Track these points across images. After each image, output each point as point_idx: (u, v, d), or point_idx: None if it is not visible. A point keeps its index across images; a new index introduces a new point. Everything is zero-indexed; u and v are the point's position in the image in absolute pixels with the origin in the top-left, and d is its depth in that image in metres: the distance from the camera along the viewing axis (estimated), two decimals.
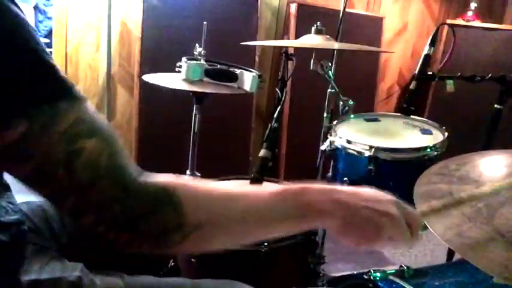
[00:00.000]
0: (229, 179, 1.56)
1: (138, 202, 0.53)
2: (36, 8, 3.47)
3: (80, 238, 0.83)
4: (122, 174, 0.53)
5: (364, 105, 2.85)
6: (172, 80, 1.57)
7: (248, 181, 1.25)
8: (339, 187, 0.68)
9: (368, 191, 0.68)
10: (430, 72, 1.42)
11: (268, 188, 0.64)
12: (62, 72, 0.53)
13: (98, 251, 0.77)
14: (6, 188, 0.69)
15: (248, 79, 1.55)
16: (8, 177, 0.64)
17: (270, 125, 1.35)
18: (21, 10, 0.51)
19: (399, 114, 1.56)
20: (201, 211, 0.58)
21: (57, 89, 0.51)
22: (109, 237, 0.53)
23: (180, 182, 0.58)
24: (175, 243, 0.56)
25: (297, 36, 1.98)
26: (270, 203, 0.63)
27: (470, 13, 3.15)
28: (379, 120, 1.56)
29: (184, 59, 1.58)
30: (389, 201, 0.67)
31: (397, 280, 1.10)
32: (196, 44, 1.64)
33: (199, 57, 1.61)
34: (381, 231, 0.65)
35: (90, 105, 0.55)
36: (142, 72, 2.24)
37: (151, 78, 1.59)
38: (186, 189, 0.58)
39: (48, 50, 0.53)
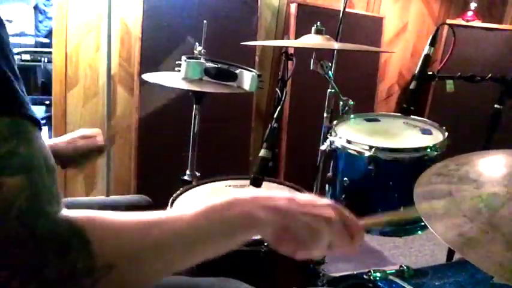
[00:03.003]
0: (229, 179, 1.57)
1: (45, 248, 0.48)
2: (36, 8, 3.48)
3: None
4: (34, 218, 0.48)
5: (364, 105, 2.86)
6: (172, 79, 1.57)
7: (248, 181, 1.25)
8: (272, 194, 0.64)
9: (303, 196, 0.65)
10: (430, 72, 1.41)
11: (192, 208, 0.59)
12: (18, 87, 0.50)
13: None
14: None
15: (248, 78, 1.55)
16: None
17: (270, 125, 1.35)
18: None
19: (399, 114, 1.56)
20: (111, 249, 0.52)
21: (3, 103, 0.48)
22: (13, 285, 0.47)
23: (91, 217, 0.53)
24: None
25: (297, 36, 1.98)
26: (192, 225, 0.58)
27: (470, 13, 3.15)
28: (379, 120, 1.56)
29: (184, 57, 1.58)
30: (327, 205, 0.65)
31: (397, 280, 1.10)
32: (196, 43, 1.64)
33: (199, 56, 1.61)
34: (319, 237, 0.63)
35: (37, 133, 0.51)
36: (142, 71, 2.24)
37: (151, 77, 1.59)
38: (95, 226, 0.52)
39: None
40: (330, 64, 1.59)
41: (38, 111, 3.07)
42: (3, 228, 0.47)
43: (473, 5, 3.15)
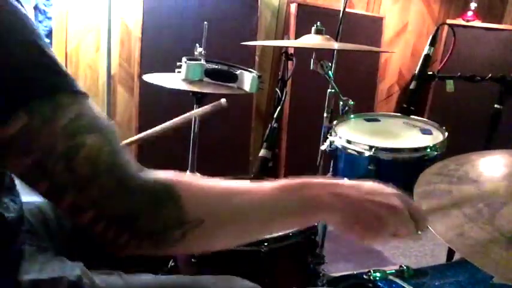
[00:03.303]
0: (229, 179, 1.57)
1: (138, 199, 0.52)
2: (36, 8, 3.47)
3: (79, 237, 0.83)
4: (122, 171, 0.52)
5: (364, 105, 2.86)
6: (172, 80, 1.57)
7: (248, 181, 1.25)
8: (340, 181, 0.67)
9: (370, 184, 0.68)
10: (430, 72, 1.42)
11: (270, 183, 0.63)
12: (63, 66, 0.53)
13: (97, 250, 0.76)
14: (12, 185, 0.68)
15: (248, 79, 1.55)
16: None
17: (270, 125, 1.35)
18: (21, 5, 0.51)
19: (399, 114, 1.56)
20: (202, 207, 0.57)
21: (58, 82, 0.51)
22: (108, 235, 0.52)
23: (180, 178, 0.57)
24: (175, 241, 0.55)
25: (297, 36, 1.98)
26: (272, 198, 0.61)
27: (470, 13, 3.15)
28: (379, 120, 1.56)
29: (184, 59, 1.58)
30: (392, 193, 0.67)
31: (397, 280, 1.10)
32: (197, 44, 1.64)
33: (200, 57, 1.61)
34: (384, 224, 0.64)
35: (92, 102, 0.54)
36: (142, 72, 2.24)
37: (152, 78, 1.59)
38: (186, 186, 0.57)
39: (48, 43, 0.53)
40: (330, 64, 1.59)
41: None
42: (95, 185, 0.50)
43: (473, 5, 3.15)
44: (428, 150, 1.29)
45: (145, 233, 0.53)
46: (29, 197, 0.76)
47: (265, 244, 1.16)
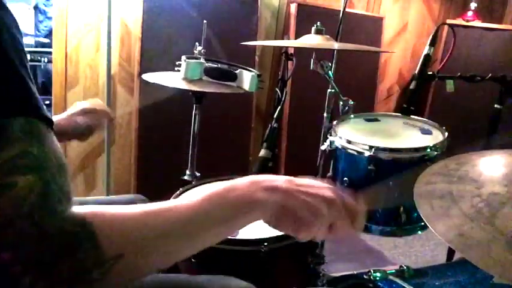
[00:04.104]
0: (229, 179, 1.57)
1: (57, 244, 0.50)
2: (36, 8, 3.48)
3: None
4: (46, 215, 0.50)
5: (364, 105, 2.85)
6: (171, 79, 1.57)
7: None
8: (272, 176, 0.65)
9: (303, 178, 0.66)
10: (430, 72, 1.41)
11: (193, 195, 0.61)
12: (32, 88, 0.51)
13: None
14: None
15: (247, 78, 1.55)
16: None
17: (270, 125, 1.35)
18: (7, 11, 0.50)
19: (399, 114, 1.56)
20: (120, 241, 0.54)
21: (19, 104, 0.49)
22: (25, 281, 0.49)
23: (95, 212, 0.55)
24: (95, 281, 0.52)
25: (297, 36, 1.98)
26: (194, 211, 0.59)
27: (470, 13, 3.15)
28: (379, 120, 1.56)
29: (183, 57, 1.58)
30: (327, 187, 0.65)
31: (397, 280, 1.10)
32: (196, 43, 1.64)
33: (199, 56, 1.61)
34: (319, 217, 0.62)
35: (50, 132, 0.52)
36: (142, 71, 2.24)
37: (151, 77, 1.59)
38: (102, 220, 0.54)
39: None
40: (330, 64, 1.59)
41: None
42: (15, 226, 0.48)
43: (473, 5, 3.15)
44: (428, 150, 1.29)
45: (63, 278, 0.51)
46: None
47: (265, 244, 1.16)
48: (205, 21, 1.67)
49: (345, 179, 1.35)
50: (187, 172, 1.75)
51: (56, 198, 0.51)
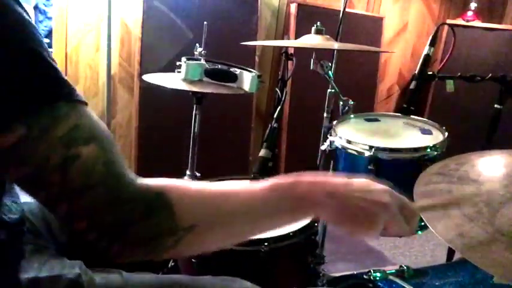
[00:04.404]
0: (229, 179, 1.57)
1: (130, 210, 0.53)
2: (36, 8, 3.47)
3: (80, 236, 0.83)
4: (116, 182, 0.53)
5: (364, 105, 2.85)
6: (172, 80, 1.57)
7: (248, 181, 1.25)
8: (331, 178, 0.68)
9: (360, 181, 0.68)
10: (430, 72, 1.41)
11: (260, 183, 0.64)
12: (63, 74, 0.53)
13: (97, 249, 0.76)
14: (11, 186, 0.69)
15: (248, 79, 1.55)
16: None
17: (270, 125, 1.35)
18: (25, 10, 0.51)
19: (399, 114, 1.56)
20: (193, 213, 0.57)
21: (57, 91, 0.51)
22: (101, 244, 0.52)
23: (172, 185, 0.57)
24: (168, 248, 0.56)
25: (297, 36, 1.98)
26: (263, 199, 0.62)
27: (470, 13, 3.15)
28: (379, 120, 1.56)
29: (184, 58, 1.58)
30: (382, 190, 0.68)
31: (397, 280, 1.10)
32: (197, 44, 1.64)
33: (199, 57, 1.61)
34: (374, 220, 0.65)
35: (91, 110, 0.54)
36: (142, 71, 2.24)
37: (151, 78, 1.59)
38: (178, 192, 0.57)
39: (48, 49, 0.53)
40: (330, 64, 1.59)
41: None
42: (89, 195, 0.50)
43: (473, 5, 3.15)
44: (428, 150, 1.29)
45: (138, 242, 0.54)
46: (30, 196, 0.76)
47: (265, 244, 1.16)
48: (205, 22, 1.67)
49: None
50: (187, 172, 1.75)
51: (121, 164, 0.54)
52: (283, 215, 0.65)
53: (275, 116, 1.37)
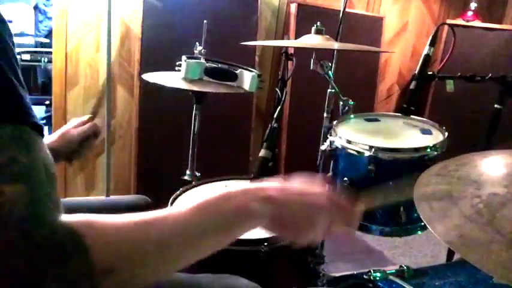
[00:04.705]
0: (229, 179, 1.57)
1: (43, 256, 0.48)
2: (36, 8, 3.48)
3: None
4: (32, 226, 0.48)
5: (364, 105, 2.86)
6: (172, 79, 1.57)
7: (248, 181, 1.25)
8: (266, 184, 0.66)
9: (297, 185, 0.67)
10: (430, 72, 1.41)
11: (187, 204, 0.60)
12: (22, 93, 0.50)
13: None
14: None
15: (248, 78, 1.55)
16: None
17: (270, 125, 1.35)
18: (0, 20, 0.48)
19: (399, 114, 1.56)
20: (112, 253, 0.52)
21: (6, 111, 0.48)
22: None
23: (89, 221, 0.52)
24: None
25: (297, 36, 1.98)
26: (189, 221, 0.58)
27: (470, 13, 3.15)
28: (379, 120, 1.56)
29: (184, 57, 1.58)
30: (318, 192, 0.67)
31: (397, 280, 1.10)
32: (197, 43, 1.64)
33: (199, 56, 1.61)
34: (313, 223, 0.65)
35: (39, 139, 0.51)
36: (142, 71, 2.24)
37: (151, 77, 1.59)
38: (92, 231, 0.51)
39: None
40: (330, 64, 1.59)
41: (38, 111, 3.07)
42: (1, 237, 0.46)
43: (473, 5, 3.15)
44: (428, 150, 1.29)
45: None
46: None
47: (265, 244, 1.16)
48: (205, 21, 1.67)
49: (345, 179, 1.35)
50: (187, 172, 1.75)
51: (45, 207, 0.50)
52: (220, 232, 0.61)
53: (275, 116, 1.37)
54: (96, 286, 0.50)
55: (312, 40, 1.48)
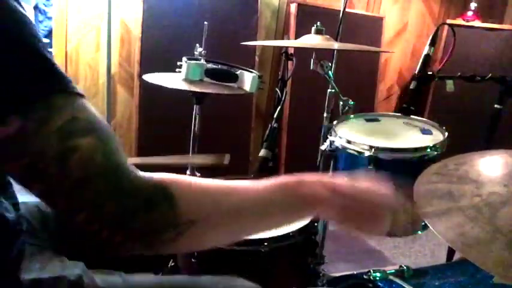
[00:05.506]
0: (229, 179, 1.57)
1: (132, 201, 0.52)
2: (36, 8, 3.47)
3: (79, 237, 0.83)
4: (116, 173, 0.52)
5: (364, 105, 2.86)
6: (172, 80, 1.57)
7: (245, 180, 1.25)
8: (338, 179, 0.69)
9: (366, 183, 0.70)
10: (430, 72, 1.41)
11: (266, 181, 0.64)
12: (59, 67, 0.53)
13: (98, 250, 0.76)
14: (8, 185, 0.68)
15: (248, 79, 1.55)
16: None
17: (270, 125, 1.35)
18: (21, 6, 0.51)
19: (399, 114, 1.56)
20: (195, 208, 0.57)
21: (53, 83, 0.51)
22: (103, 236, 0.52)
23: (174, 178, 0.57)
24: (169, 241, 0.55)
25: (297, 36, 1.98)
26: (267, 197, 0.63)
27: (470, 13, 3.15)
28: (379, 120, 1.56)
29: (184, 58, 1.58)
30: (387, 193, 0.69)
31: (397, 280, 1.10)
32: (197, 44, 1.64)
33: (200, 57, 1.61)
34: (380, 218, 0.68)
35: (88, 103, 0.54)
36: (142, 71, 2.24)
37: (152, 78, 1.59)
38: (179, 186, 0.57)
39: (48, 49, 0.53)
40: (330, 64, 1.59)
41: None
42: (90, 187, 0.50)
43: (473, 5, 3.15)
44: (428, 150, 1.29)
45: (139, 234, 0.54)
46: (27, 196, 0.76)
47: (265, 244, 1.16)
48: (206, 23, 1.67)
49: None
50: (187, 172, 1.74)
51: (121, 155, 0.54)
52: (289, 213, 0.66)
53: (275, 116, 1.37)
54: (180, 234, 0.55)
55: (312, 40, 1.48)
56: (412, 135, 1.42)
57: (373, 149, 1.27)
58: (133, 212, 0.52)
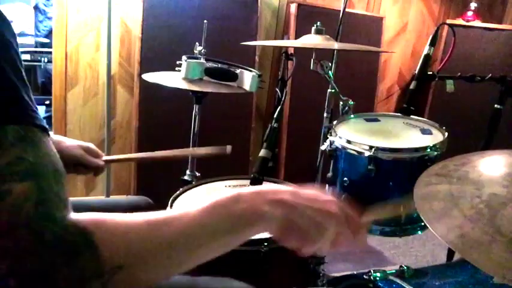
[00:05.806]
0: (229, 179, 1.57)
1: (53, 254, 0.48)
2: (36, 8, 3.48)
3: None
4: (42, 224, 0.49)
5: (364, 105, 2.86)
6: (172, 79, 1.57)
7: (248, 181, 1.25)
8: (277, 187, 0.65)
9: (307, 191, 0.65)
10: (430, 72, 1.41)
11: (196, 205, 0.59)
12: (26, 95, 0.50)
13: None
14: None
15: (248, 79, 1.55)
16: None
17: (270, 125, 1.35)
18: (5, 26, 0.48)
19: (399, 114, 1.55)
20: (120, 251, 0.52)
21: (11, 112, 0.48)
22: None
23: (100, 220, 0.53)
24: None
25: (297, 36, 1.98)
26: (198, 222, 0.58)
27: (470, 13, 3.15)
28: (379, 120, 1.56)
29: (184, 57, 1.58)
30: (329, 200, 0.65)
31: (397, 280, 1.10)
32: (197, 43, 1.64)
33: (199, 56, 1.61)
34: (323, 231, 0.63)
35: (46, 139, 0.51)
36: (142, 71, 2.24)
37: (151, 77, 1.59)
38: (104, 229, 0.52)
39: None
40: (330, 64, 1.59)
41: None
42: (12, 236, 0.47)
43: (473, 5, 3.15)
44: (428, 150, 1.29)
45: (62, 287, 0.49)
46: None
47: (265, 244, 1.16)
48: (205, 21, 1.67)
49: (345, 179, 1.35)
50: (187, 172, 1.75)
51: (53, 205, 0.50)
52: (228, 235, 0.60)
53: (275, 116, 1.36)
54: (107, 283, 0.51)
55: (312, 40, 1.48)
56: (412, 135, 1.42)
57: (373, 149, 1.27)
58: (54, 265, 0.48)
